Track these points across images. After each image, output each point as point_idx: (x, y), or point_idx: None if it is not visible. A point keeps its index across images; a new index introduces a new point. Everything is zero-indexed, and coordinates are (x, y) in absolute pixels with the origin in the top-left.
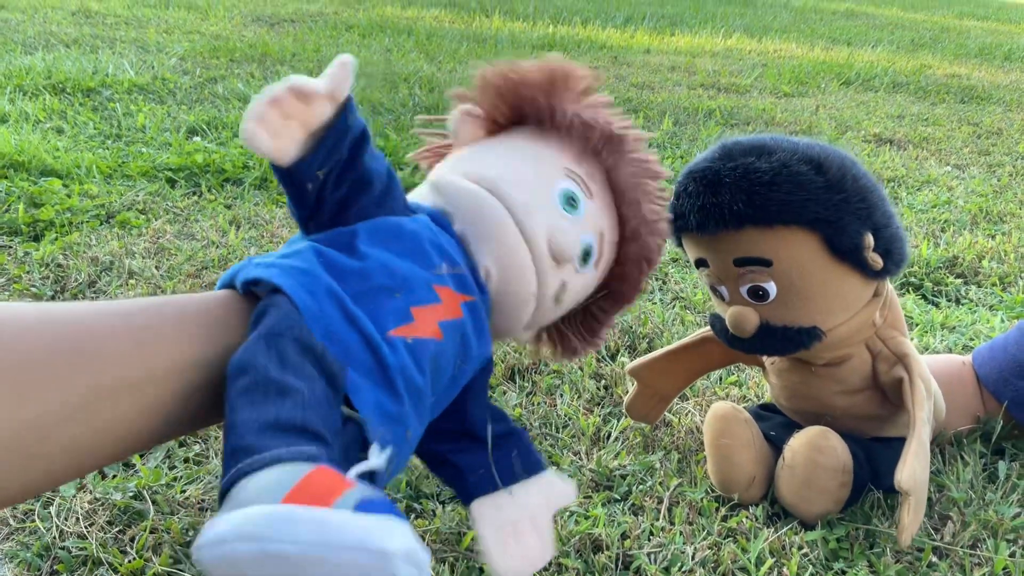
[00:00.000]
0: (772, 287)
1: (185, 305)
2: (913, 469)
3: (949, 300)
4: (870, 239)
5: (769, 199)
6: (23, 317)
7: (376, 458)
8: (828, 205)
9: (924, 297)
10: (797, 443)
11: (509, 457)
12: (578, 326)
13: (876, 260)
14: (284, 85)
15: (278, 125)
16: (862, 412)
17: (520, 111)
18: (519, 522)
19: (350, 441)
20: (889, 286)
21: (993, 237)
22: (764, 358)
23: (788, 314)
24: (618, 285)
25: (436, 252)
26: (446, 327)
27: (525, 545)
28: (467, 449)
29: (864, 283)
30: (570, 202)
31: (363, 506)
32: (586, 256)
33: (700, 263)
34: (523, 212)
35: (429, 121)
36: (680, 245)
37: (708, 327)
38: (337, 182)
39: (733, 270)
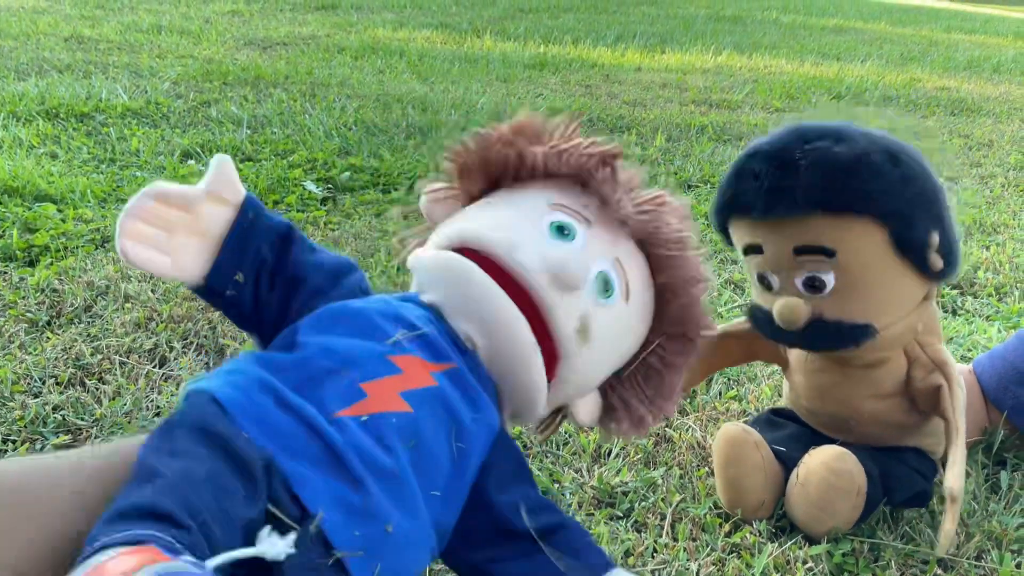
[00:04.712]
0: (831, 278)
1: (79, 475)
2: (960, 477)
3: (946, 311)
4: (936, 238)
5: (847, 186)
6: None
7: (263, 544)
8: (902, 199)
9: None
10: (812, 462)
11: (563, 558)
12: (640, 386)
13: (937, 261)
14: (140, 194)
15: (161, 239)
16: (887, 418)
17: (492, 174)
18: None
19: (312, 542)
20: None
21: (988, 248)
22: (791, 357)
23: (842, 308)
24: (673, 325)
25: (391, 323)
26: (414, 397)
27: None
28: (510, 556)
29: (919, 284)
30: (561, 231)
31: None
32: (606, 286)
33: (752, 249)
34: (507, 249)
35: (404, 214)
36: (723, 230)
37: (730, 324)
38: (271, 283)
39: (791, 258)
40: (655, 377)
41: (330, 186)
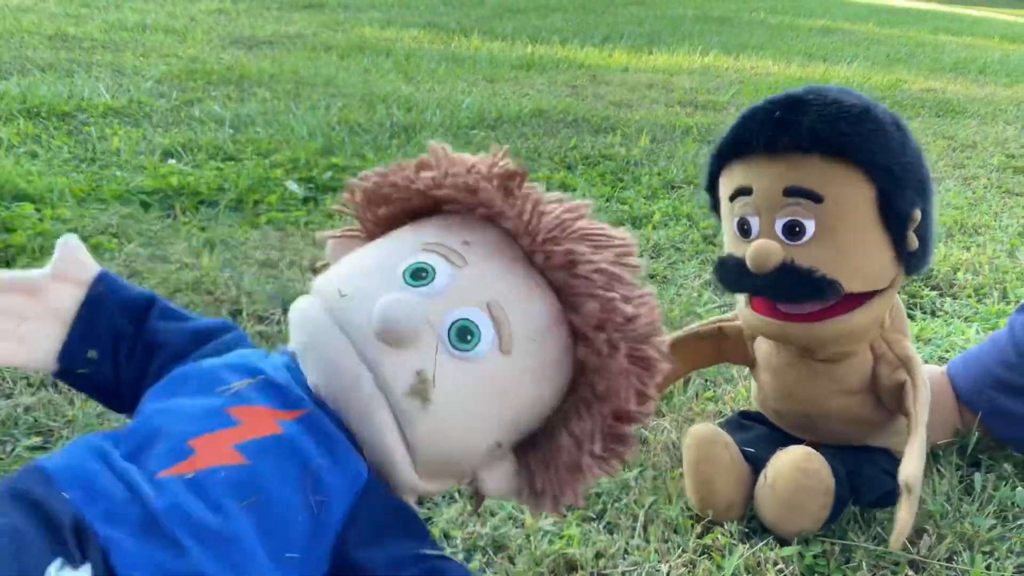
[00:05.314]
0: (811, 225)
1: None
2: (916, 467)
3: (924, 312)
4: (918, 215)
5: (850, 131)
6: None
7: None
8: (898, 160)
9: None
10: (781, 462)
11: None
12: (547, 461)
13: (913, 240)
14: None
15: (8, 328)
16: (854, 415)
17: (390, 212)
18: None
19: None
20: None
21: (968, 249)
22: (759, 355)
23: (815, 259)
24: (587, 391)
25: (239, 375)
26: (251, 448)
27: None
28: None
29: (892, 263)
30: (417, 275)
31: None
32: (464, 335)
33: (740, 192)
34: (338, 303)
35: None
36: (712, 184)
37: (699, 324)
38: (129, 355)
39: (778, 199)
40: (563, 455)
41: (311, 186)
